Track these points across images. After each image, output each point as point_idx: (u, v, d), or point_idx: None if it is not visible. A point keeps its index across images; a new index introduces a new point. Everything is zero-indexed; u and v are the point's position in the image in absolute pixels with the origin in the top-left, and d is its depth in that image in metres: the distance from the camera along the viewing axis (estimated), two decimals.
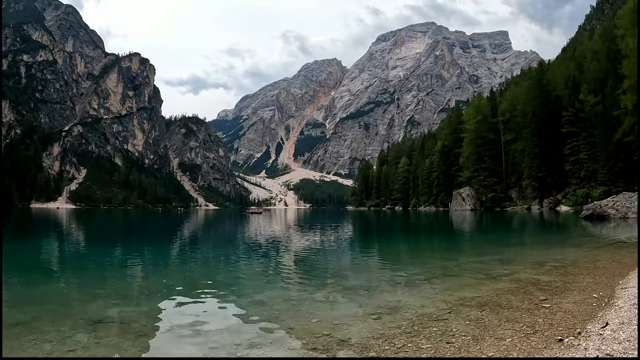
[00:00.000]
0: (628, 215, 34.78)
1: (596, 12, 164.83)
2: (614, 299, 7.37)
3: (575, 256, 14.11)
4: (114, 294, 9.30)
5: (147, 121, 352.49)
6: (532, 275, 10.36)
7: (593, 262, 12.43)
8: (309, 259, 16.44)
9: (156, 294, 9.62)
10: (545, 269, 11.30)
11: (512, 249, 18.53)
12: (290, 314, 7.40)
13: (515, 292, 8.54)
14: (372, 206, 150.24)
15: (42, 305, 8.07)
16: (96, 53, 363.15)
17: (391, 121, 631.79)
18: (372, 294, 8.97)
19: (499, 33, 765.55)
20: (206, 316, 7.42)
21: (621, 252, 15.04)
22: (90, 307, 7.87)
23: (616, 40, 57.88)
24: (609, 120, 58.33)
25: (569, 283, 9.28)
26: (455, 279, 10.37)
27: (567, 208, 63.94)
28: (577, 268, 11.39)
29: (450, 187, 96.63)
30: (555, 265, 11.93)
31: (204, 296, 9.18)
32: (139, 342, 5.95)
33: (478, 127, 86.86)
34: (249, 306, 8.16)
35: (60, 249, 20.69)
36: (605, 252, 15.06)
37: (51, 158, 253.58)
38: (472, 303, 7.67)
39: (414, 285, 9.92)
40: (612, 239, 21.95)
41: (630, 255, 13.39)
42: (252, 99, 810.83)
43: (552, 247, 18.52)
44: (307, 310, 7.63)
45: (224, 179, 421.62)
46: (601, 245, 18.32)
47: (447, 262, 13.84)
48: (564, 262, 12.63)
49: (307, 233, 32.73)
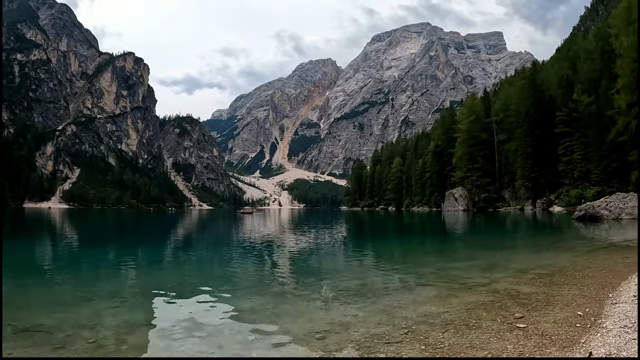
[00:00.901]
0: (621, 217, 33.86)
1: (590, 13, 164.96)
2: (602, 317, 6.28)
3: (564, 262, 13.00)
4: (98, 297, 9.23)
5: (141, 121, 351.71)
6: (512, 285, 9.27)
7: (582, 269, 11.30)
8: (276, 265, 15.71)
9: (146, 295, 9.61)
10: (529, 277, 10.19)
11: (498, 253, 17.29)
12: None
13: (489, 307, 7.48)
14: (365, 206, 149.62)
15: (35, 306, 8.15)
16: (90, 52, 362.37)
17: (385, 121, 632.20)
18: (329, 307, 8.05)
19: (494, 34, 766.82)
20: (196, 318, 7.37)
21: (613, 257, 13.83)
22: (79, 310, 7.89)
23: (610, 39, 57.15)
24: (602, 120, 57.77)
25: (552, 296, 8.16)
26: (426, 289, 9.33)
27: (560, 209, 63.17)
28: (563, 276, 10.25)
29: (443, 188, 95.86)
30: (540, 273, 10.78)
31: (192, 298, 9.15)
32: (132, 342, 6.07)
33: (471, 127, 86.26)
34: (231, 307, 8.20)
35: (41, 251, 20.02)
36: (596, 258, 13.85)
37: (44, 157, 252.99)
38: (436, 321, 6.68)
39: (378, 296, 8.88)
40: (605, 241, 20.66)
41: (622, 262, 12.27)
42: (247, 98, 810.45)
43: (540, 251, 17.36)
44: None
45: (218, 179, 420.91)
46: (592, 249, 17.06)
47: (424, 268, 12.71)
48: (551, 269, 11.49)
49: (288, 235, 31.95)
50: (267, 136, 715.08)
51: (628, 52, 49.30)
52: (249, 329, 6.72)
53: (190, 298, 9.18)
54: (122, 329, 6.66)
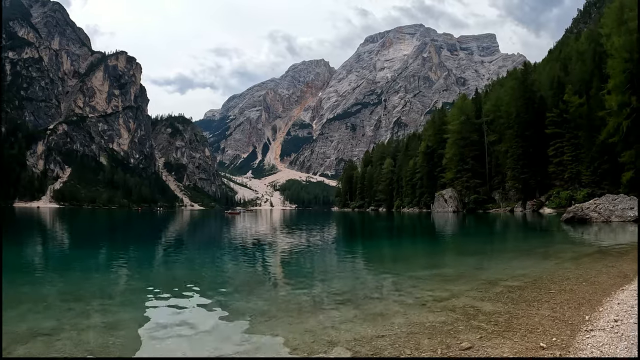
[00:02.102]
0: (611, 219, 32.87)
1: (583, 16, 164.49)
2: (570, 352, 4.88)
3: (541, 271, 11.51)
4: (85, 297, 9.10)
5: (133, 120, 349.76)
6: (474, 301, 7.94)
7: (560, 280, 9.85)
8: (258, 266, 14.95)
9: (132, 297, 9.46)
10: (496, 290, 8.86)
11: (472, 259, 15.63)
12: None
13: (435, 331, 6.14)
14: (356, 207, 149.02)
15: (22, 307, 7.90)
16: (82, 51, 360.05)
17: (378, 122, 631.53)
18: (253, 329, 6.71)
19: (487, 36, 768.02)
20: (186, 319, 7.29)
21: (597, 265, 12.24)
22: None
23: (601, 40, 56.36)
24: (593, 122, 57.15)
25: (515, 317, 6.78)
26: (373, 303, 8.04)
27: (551, 210, 62.32)
28: (536, 290, 8.83)
29: (434, 189, 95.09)
30: (511, 285, 9.41)
31: (177, 299, 8.98)
32: (122, 343, 5.96)
33: (461, 127, 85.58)
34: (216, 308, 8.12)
35: (21, 252, 18.54)
36: (578, 266, 12.27)
37: (35, 157, 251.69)
38: (363, 349, 5.46)
39: (314, 311, 7.61)
40: (591, 246, 19.20)
41: (607, 272, 10.89)
42: (240, 99, 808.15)
43: (518, 257, 15.84)
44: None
45: (210, 179, 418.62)
46: (577, 255, 15.36)
47: (383, 276, 11.38)
48: (524, 280, 10.06)
49: (270, 238, 30.95)
50: (259, 136, 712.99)
51: (619, 52, 48.55)
52: (239, 330, 6.62)
53: (175, 299, 8.93)
54: (111, 329, 6.55)
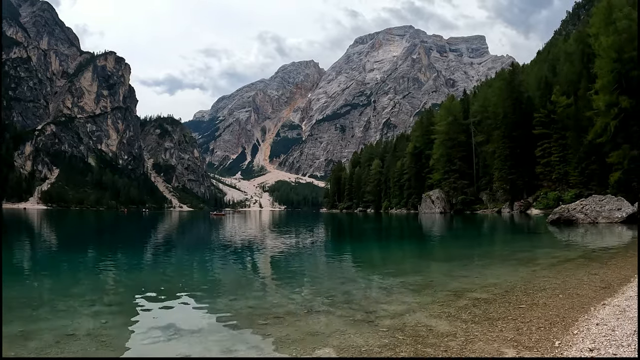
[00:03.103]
0: (598, 220, 32.17)
1: (572, 18, 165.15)
2: None
3: (516, 280, 10.22)
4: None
5: (122, 121, 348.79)
6: (431, 317, 6.79)
7: (534, 292, 8.64)
8: (241, 269, 14.49)
9: (121, 300, 9.30)
10: (461, 304, 7.70)
11: (446, 266, 14.10)
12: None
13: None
14: (344, 208, 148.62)
15: (12, 309, 7.68)
16: (71, 51, 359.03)
17: (367, 123, 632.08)
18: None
19: (476, 37, 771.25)
20: (175, 321, 7.06)
21: (579, 273, 10.94)
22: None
23: (589, 40, 55.93)
24: (581, 122, 57.16)
25: (471, 341, 5.49)
26: (315, 319, 6.86)
27: (538, 211, 62.00)
28: (505, 304, 7.59)
29: (421, 190, 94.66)
30: (479, 297, 8.22)
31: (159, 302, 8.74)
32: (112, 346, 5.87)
33: (449, 128, 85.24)
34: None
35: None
36: (558, 274, 10.90)
37: (23, 157, 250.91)
38: None
39: (231, 329, 6.68)
40: (575, 250, 18.11)
41: (589, 281, 9.66)
42: (229, 100, 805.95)
43: (495, 263, 14.45)
44: None
45: (199, 180, 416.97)
46: (558, 261, 13.85)
47: (344, 284, 10.14)
48: (495, 291, 8.89)
49: (250, 241, 30.06)
50: (248, 137, 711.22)
51: (607, 52, 48.54)
52: (230, 332, 6.46)
53: (162, 302, 8.70)
54: (101, 332, 6.43)
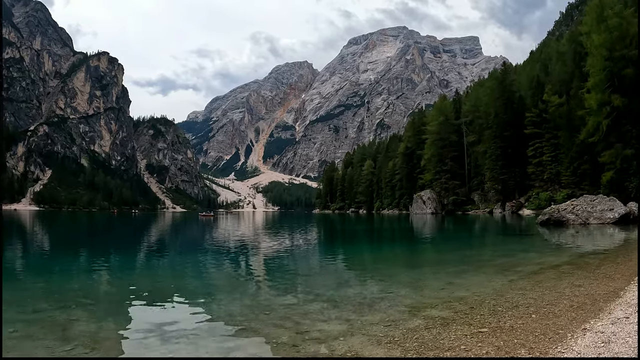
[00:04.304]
0: (589, 221, 31.50)
1: (565, 19, 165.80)
2: None
3: (487, 293, 8.81)
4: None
5: (115, 122, 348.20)
6: (364, 345, 5.60)
7: (504, 310, 7.19)
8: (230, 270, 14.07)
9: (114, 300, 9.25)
10: (412, 325, 6.42)
11: (415, 272, 12.76)
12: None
13: None
14: (336, 209, 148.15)
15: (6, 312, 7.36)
16: (64, 51, 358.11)
17: (361, 124, 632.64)
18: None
19: (470, 38, 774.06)
20: (169, 322, 6.98)
21: (561, 284, 9.48)
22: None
23: (581, 39, 55.70)
24: (573, 122, 56.76)
25: None
26: (217, 343, 6.02)
27: (530, 212, 61.54)
28: (463, 327, 6.17)
29: (413, 190, 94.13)
30: (437, 316, 6.89)
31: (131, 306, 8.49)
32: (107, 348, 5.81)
33: (440, 128, 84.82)
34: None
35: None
36: (536, 286, 9.37)
37: (15, 158, 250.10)
38: None
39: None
40: (561, 255, 16.02)
41: (570, 295, 8.26)
42: (222, 100, 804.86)
43: (469, 270, 12.74)
44: None
45: (192, 181, 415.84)
46: (540, 268, 12.23)
47: (287, 297, 9.02)
48: (459, 307, 7.47)
49: (233, 244, 29.30)
50: (242, 138, 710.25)
51: (599, 50, 48.25)
52: (225, 333, 6.34)
53: (155, 304, 8.73)
54: (95, 333, 6.33)
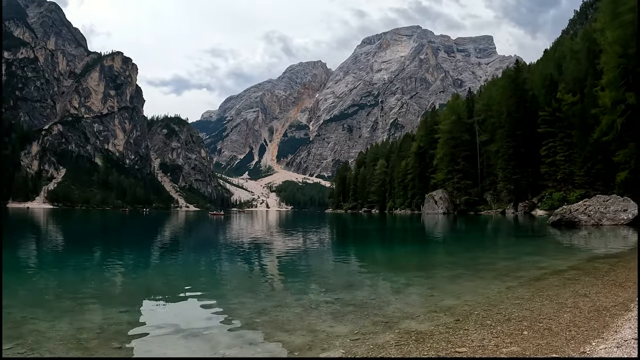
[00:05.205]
0: (602, 222, 30.53)
1: (580, 17, 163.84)
2: None
3: (478, 302, 7.84)
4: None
5: (129, 121, 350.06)
6: None
7: (492, 325, 6.24)
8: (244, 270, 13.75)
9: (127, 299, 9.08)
10: (382, 340, 5.71)
11: (405, 277, 11.30)
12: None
13: None
14: (349, 208, 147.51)
15: (22, 308, 7.57)
16: (78, 51, 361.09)
17: (375, 124, 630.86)
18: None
19: (484, 37, 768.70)
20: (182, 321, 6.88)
21: (564, 293, 8.41)
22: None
23: (595, 36, 54.70)
24: (586, 120, 55.57)
25: None
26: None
27: (543, 212, 60.44)
28: (441, 344, 5.44)
29: (425, 190, 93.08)
30: (414, 329, 6.10)
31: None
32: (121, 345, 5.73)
33: (453, 127, 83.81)
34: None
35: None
36: (535, 295, 8.33)
37: (30, 157, 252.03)
38: None
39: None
40: (569, 259, 14.71)
41: (574, 306, 7.28)
42: (236, 100, 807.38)
43: (465, 275, 11.51)
44: None
45: (206, 180, 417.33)
46: (543, 273, 11.06)
47: (265, 302, 8.17)
48: (442, 319, 6.64)
49: (244, 243, 28.90)
50: (256, 138, 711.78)
51: (613, 46, 47.07)
52: (239, 333, 6.25)
53: (169, 301, 8.74)
54: (108, 331, 6.25)
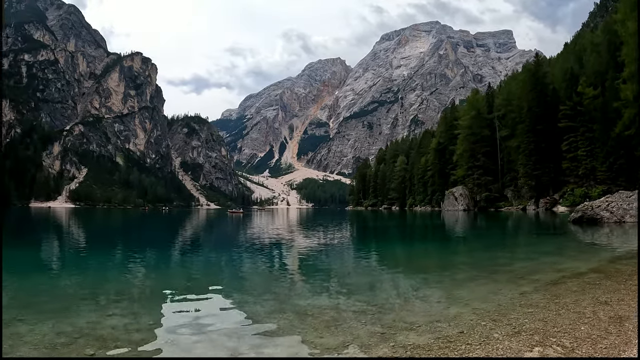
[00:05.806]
0: (625, 219, 29.28)
1: (600, 10, 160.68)
2: None
3: (487, 310, 7.17)
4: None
5: (149, 120, 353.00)
6: None
7: (499, 339, 5.60)
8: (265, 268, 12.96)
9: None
10: (375, 354, 5.31)
11: (415, 278, 11.13)
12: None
13: None
14: (369, 206, 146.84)
15: (40, 306, 7.75)
16: (98, 52, 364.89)
17: (395, 120, 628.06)
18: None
19: (503, 32, 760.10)
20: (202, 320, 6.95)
21: (583, 300, 7.63)
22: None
23: (616, 28, 53.67)
24: (608, 114, 54.65)
25: None
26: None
27: (564, 209, 59.26)
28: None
29: (445, 186, 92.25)
30: (410, 343, 5.58)
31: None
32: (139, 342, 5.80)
33: (472, 123, 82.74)
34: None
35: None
36: (551, 302, 7.57)
37: (52, 157, 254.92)
38: None
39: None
40: (590, 260, 13.40)
41: (592, 316, 6.56)
42: (256, 98, 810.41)
43: (478, 276, 10.94)
44: None
45: (226, 178, 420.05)
46: (562, 277, 10.16)
47: (253, 307, 7.87)
48: (445, 330, 6.06)
49: (265, 240, 28.73)
50: (276, 135, 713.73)
51: (634, 37, 46.02)
52: (255, 331, 6.27)
53: (189, 300, 8.71)
54: (126, 330, 6.31)
